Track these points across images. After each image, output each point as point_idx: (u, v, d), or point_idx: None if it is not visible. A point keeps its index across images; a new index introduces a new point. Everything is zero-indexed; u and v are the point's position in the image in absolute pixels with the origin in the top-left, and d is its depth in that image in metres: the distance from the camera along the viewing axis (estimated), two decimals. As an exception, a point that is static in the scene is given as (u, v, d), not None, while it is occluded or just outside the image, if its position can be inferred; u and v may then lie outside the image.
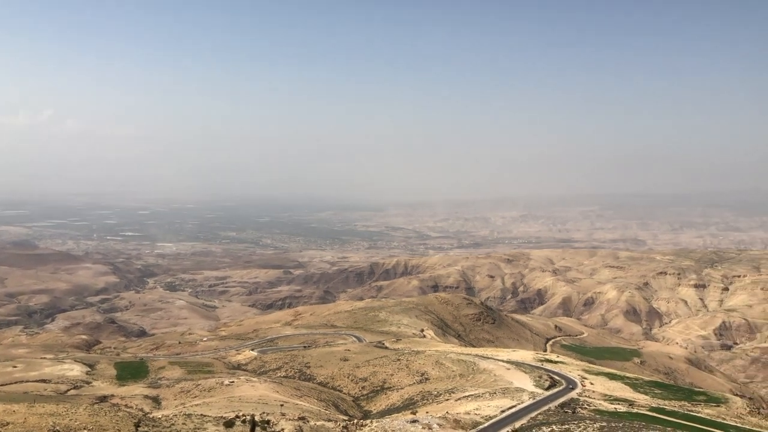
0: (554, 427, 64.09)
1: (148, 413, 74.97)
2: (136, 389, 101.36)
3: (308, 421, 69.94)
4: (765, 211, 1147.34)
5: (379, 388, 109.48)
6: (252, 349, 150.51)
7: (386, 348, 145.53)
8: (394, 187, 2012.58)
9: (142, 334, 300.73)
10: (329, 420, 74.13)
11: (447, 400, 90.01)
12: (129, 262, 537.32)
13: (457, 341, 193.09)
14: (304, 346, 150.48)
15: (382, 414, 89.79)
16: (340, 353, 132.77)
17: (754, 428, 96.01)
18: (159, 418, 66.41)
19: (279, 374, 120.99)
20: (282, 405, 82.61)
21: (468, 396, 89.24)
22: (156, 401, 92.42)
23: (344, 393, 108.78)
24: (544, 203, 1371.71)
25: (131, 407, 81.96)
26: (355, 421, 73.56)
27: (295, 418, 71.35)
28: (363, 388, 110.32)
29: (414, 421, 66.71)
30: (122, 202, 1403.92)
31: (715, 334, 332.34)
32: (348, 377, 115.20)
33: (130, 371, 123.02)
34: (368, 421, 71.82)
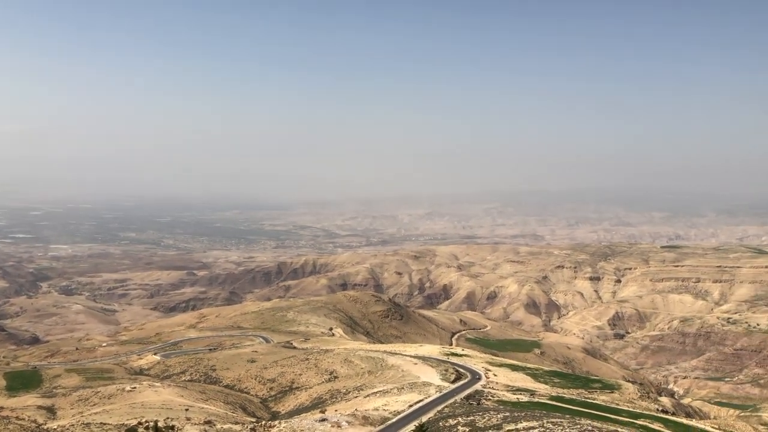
0: (460, 419, 65.64)
1: (42, 425, 71.16)
2: (29, 400, 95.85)
3: (215, 425, 68.48)
4: (653, 207, 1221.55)
5: (287, 388, 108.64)
6: (155, 354, 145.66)
7: (294, 348, 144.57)
8: (300, 184, 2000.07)
9: (35, 341, 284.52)
10: (236, 423, 72.90)
11: (356, 397, 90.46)
12: (20, 266, 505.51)
13: (366, 338, 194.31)
14: (210, 349, 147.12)
15: (291, 414, 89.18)
16: (247, 355, 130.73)
17: (644, 411, 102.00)
18: (54, 429, 63.17)
19: (184, 378, 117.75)
20: (187, 410, 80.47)
21: (377, 392, 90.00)
22: (51, 411, 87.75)
23: (252, 395, 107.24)
24: (448, 201, 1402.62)
25: (23, 419, 77.38)
26: (263, 422, 72.63)
27: (201, 422, 69.71)
28: (271, 389, 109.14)
29: (323, 420, 66.64)
30: (10, 202, 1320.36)
31: (609, 324, 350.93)
32: (255, 379, 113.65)
33: (22, 381, 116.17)
34: (276, 422, 71.08)
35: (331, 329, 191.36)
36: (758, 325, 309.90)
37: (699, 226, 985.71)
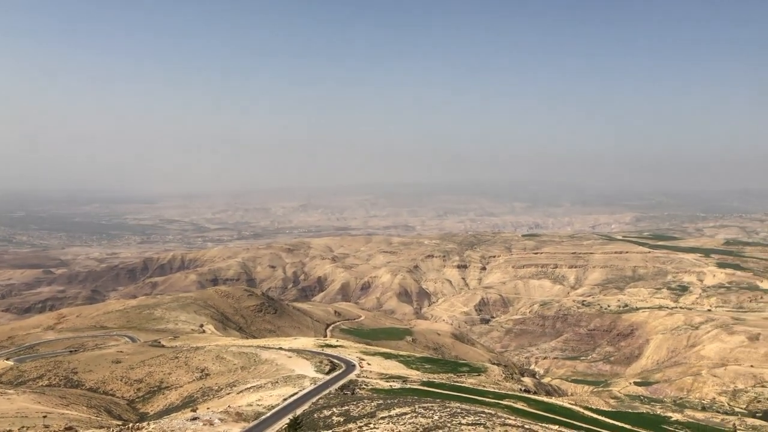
0: (335, 409, 66.28)
1: None
2: None
3: (77, 431, 64.80)
4: (514, 198, 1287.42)
5: (156, 388, 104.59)
6: (7, 359, 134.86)
7: (163, 347, 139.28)
8: (167, 176, 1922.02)
9: None
10: (101, 427, 69.33)
11: (228, 394, 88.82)
12: None
13: (239, 334, 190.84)
14: (70, 351, 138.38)
15: (161, 415, 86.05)
16: (111, 355, 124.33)
17: (508, 392, 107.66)
18: None
19: (41, 383, 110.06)
20: (45, 416, 75.40)
21: (250, 388, 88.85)
22: None
23: (118, 397, 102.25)
24: (323, 193, 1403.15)
25: None
26: (130, 425, 69.58)
27: (61, 428, 65.67)
28: (138, 390, 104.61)
29: (194, 419, 64.83)
30: None
31: (476, 310, 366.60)
32: (121, 380, 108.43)
33: None
34: (145, 424, 68.35)
35: (201, 326, 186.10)
36: (609, 306, 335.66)
37: (556, 216, 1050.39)
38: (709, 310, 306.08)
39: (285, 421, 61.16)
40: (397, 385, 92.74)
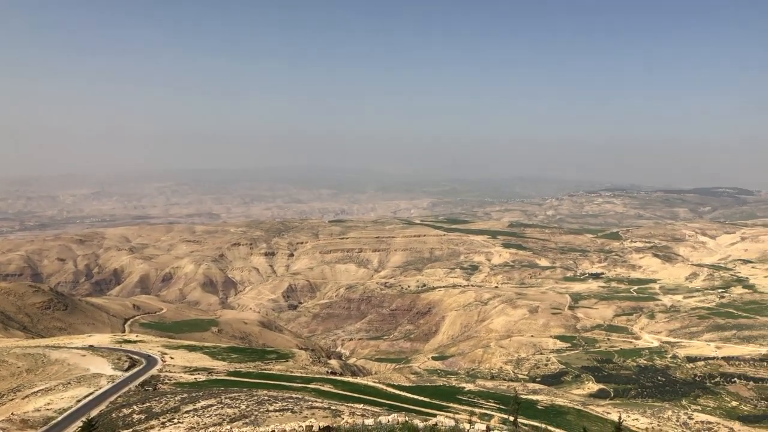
0: (135, 407, 63.37)
1: None
2: None
3: None
4: (321, 184, 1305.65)
5: None
6: None
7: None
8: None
9: None
10: None
11: (12, 400, 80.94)
12: None
13: (24, 334, 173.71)
14: None
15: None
16: None
17: (316, 375, 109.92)
18: None
19: None
20: None
21: (38, 391, 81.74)
22: None
23: None
24: (118, 179, 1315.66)
25: None
26: None
27: None
28: None
29: (-30, 432, 58.48)
30: None
31: (284, 297, 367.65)
32: None
33: None
34: None
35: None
36: (409, 287, 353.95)
37: (360, 202, 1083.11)
38: (496, 287, 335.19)
39: (79, 424, 57.37)
40: (202, 377, 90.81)
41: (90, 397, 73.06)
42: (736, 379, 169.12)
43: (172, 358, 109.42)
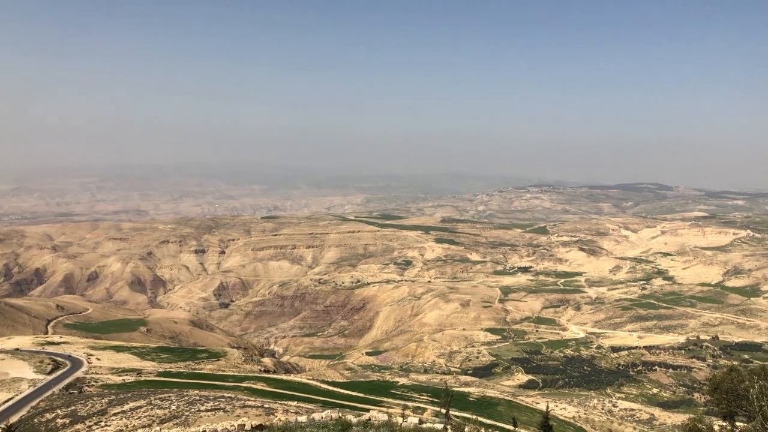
0: (59, 411, 61.21)
1: None
2: None
3: None
4: (253, 180, 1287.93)
5: None
6: None
7: None
8: None
9: None
10: None
11: (-76, 408, 76.79)
12: None
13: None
14: None
15: None
16: None
17: (249, 374, 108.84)
18: None
19: None
20: None
21: (-47, 399, 77.80)
22: None
23: None
24: (38, 174, 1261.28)
25: None
26: None
27: None
28: None
29: None
30: None
31: (215, 295, 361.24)
32: None
33: None
34: None
35: None
36: (343, 283, 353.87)
37: (294, 198, 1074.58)
38: (429, 282, 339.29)
39: (-2, 431, 55.02)
40: (131, 378, 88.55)
41: (9, 403, 70.09)
42: (656, 367, 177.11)
43: (98, 359, 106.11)
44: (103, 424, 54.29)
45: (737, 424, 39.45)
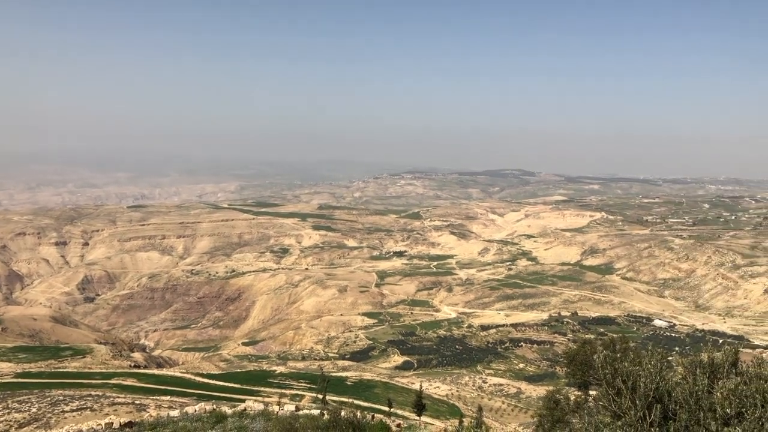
0: None
1: None
2: None
3: None
4: (118, 168, 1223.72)
5: None
6: None
7: None
8: None
9: None
10: None
11: None
12: None
13: None
14: None
15: None
16: None
17: (117, 370, 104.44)
18: None
19: None
20: None
21: None
22: None
23: None
24: None
25: None
26: None
27: None
28: None
29: None
30: None
31: (79, 289, 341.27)
32: None
33: None
34: None
35: None
36: (217, 273, 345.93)
37: (163, 186, 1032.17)
38: (307, 269, 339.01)
39: None
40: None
41: None
42: (522, 343, 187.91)
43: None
44: (-47, 433, 50.39)
45: (591, 392, 43.11)
